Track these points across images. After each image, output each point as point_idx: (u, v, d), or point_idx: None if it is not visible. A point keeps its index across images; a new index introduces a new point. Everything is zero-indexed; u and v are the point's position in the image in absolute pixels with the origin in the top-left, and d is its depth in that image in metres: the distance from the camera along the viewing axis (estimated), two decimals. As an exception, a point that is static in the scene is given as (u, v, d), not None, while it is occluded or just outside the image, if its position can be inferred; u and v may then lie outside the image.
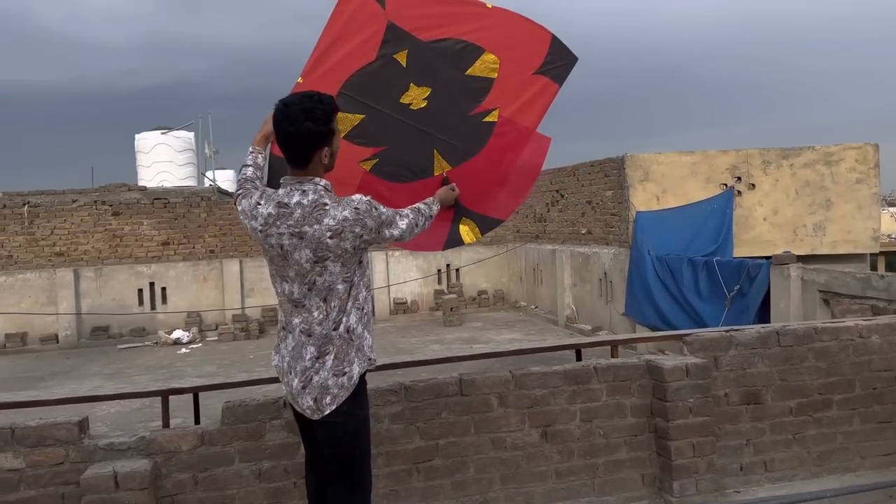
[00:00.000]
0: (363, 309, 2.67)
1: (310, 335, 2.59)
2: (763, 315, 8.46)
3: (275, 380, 3.94)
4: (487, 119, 3.47)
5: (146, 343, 14.79)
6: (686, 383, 3.77)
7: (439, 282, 17.32)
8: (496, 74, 3.43)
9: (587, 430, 3.82)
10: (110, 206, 15.77)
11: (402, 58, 3.37)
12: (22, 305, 14.97)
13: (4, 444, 3.21)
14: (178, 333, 14.80)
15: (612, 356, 4.21)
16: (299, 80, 3.27)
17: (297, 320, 2.62)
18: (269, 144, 3.05)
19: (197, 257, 16.16)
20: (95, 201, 15.73)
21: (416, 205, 2.97)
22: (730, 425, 3.96)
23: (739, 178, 11.61)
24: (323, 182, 2.59)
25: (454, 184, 3.40)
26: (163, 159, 19.48)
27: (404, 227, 2.78)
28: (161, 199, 16.13)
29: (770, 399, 4.03)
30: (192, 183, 19.43)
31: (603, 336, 11.25)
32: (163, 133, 19.72)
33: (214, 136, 19.38)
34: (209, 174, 20.13)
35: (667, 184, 11.60)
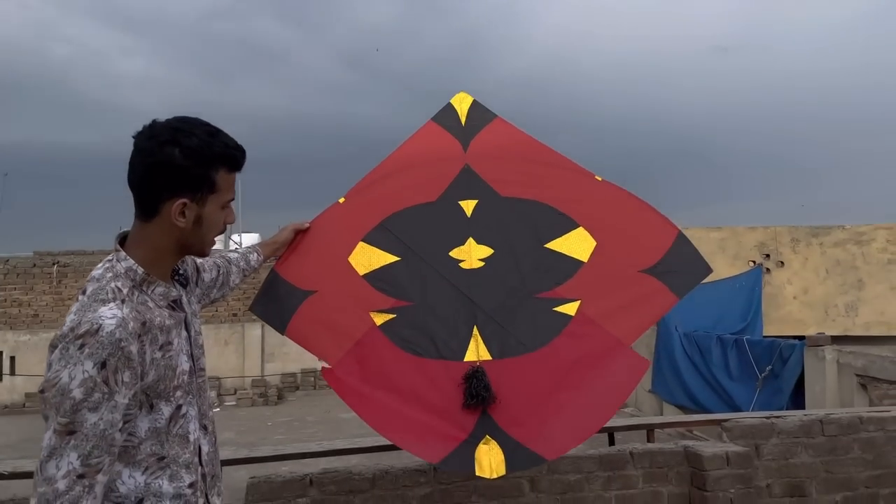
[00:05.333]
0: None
1: None
2: (797, 398, 8.22)
3: (301, 455, 3.86)
4: (560, 309, 2.59)
5: (164, 406, 14.69)
6: (727, 472, 3.62)
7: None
8: (587, 258, 2.66)
9: (622, 518, 3.65)
10: (137, 267, 15.96)
11: (468, 206, 2.76)
12: (44, 364, 14.96)
13: (25, 515, 3.14)
14: (196, 397, 14.72)
15: (648, 440, 4.07)
16: (340, 200, 2.79)
17: None
18: (277, 257, 2.61)
19: (219, 320, 16.21)
20: (123, 262, 15.93)
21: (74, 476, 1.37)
22: (773, 519, 3.78)
23: (768, 256, 11.51)
24: (124, 264, 1.55)
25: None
26: (191, 222, 19.78)
27: (44, 445, 1.38)
28: (187, 262, 16.32)
29: (815, 492, 3.84)
30: (219, 246, 19.65)
31: (635, 417, 10.97)
32: (193, 197, 20.08)
33: (241, 199, 19.62)
34: (235, 237, 20.38)
35: (694, 259, 11.52)
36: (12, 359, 15.14)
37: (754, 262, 11.39)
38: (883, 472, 3.95)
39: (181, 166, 1.55)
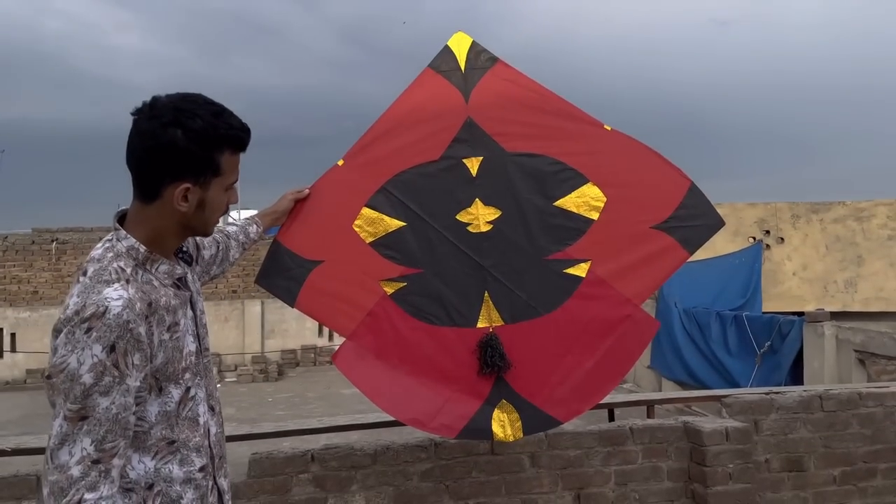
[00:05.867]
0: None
1: None
2: (795, 374, 8.26)
3: (302, 431, 3.88)
4: (570, 271, 2.59)
5: (165, 382, 14.78)
6: (726, 448, 3.64)
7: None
8: (597, 216, 2.60)
9: (622, 493, 3.68)
10: (136, 244, 15.98)
11: (472, 164, 2.65)
12: (45, 341, 15.05)
13: (29, 491, 3.15)
14: (197, 373, 14.80)
15: (648, 416, 4.10)
16: (339, 162, 2.67)
17: None
18: (279, 226, 2.57)
19: (219, 297, 16.23)
20: (122, 239, 15.95)
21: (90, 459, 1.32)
22: (771, 493, 3.81)
23: (768, 232, 11.51)
24: (125, 243, 1.48)
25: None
26: (190, 199, 19.77)
27: (54, 432, 1.32)
28: (186, 239, 16.33)
29: (813, 466, 3.87)
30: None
31: (635, 393, 11.04)
32: (191, 173, 20.06)
33: (240, 176, 19.63)
34: (233, 213, 20.37)
35: (694, 236, 11.53)
36: (13, 335, 15.21)
37: (754, 238, 11.39)
38: (881, 447, 3.97)
39: (184, 150, 1.46)
